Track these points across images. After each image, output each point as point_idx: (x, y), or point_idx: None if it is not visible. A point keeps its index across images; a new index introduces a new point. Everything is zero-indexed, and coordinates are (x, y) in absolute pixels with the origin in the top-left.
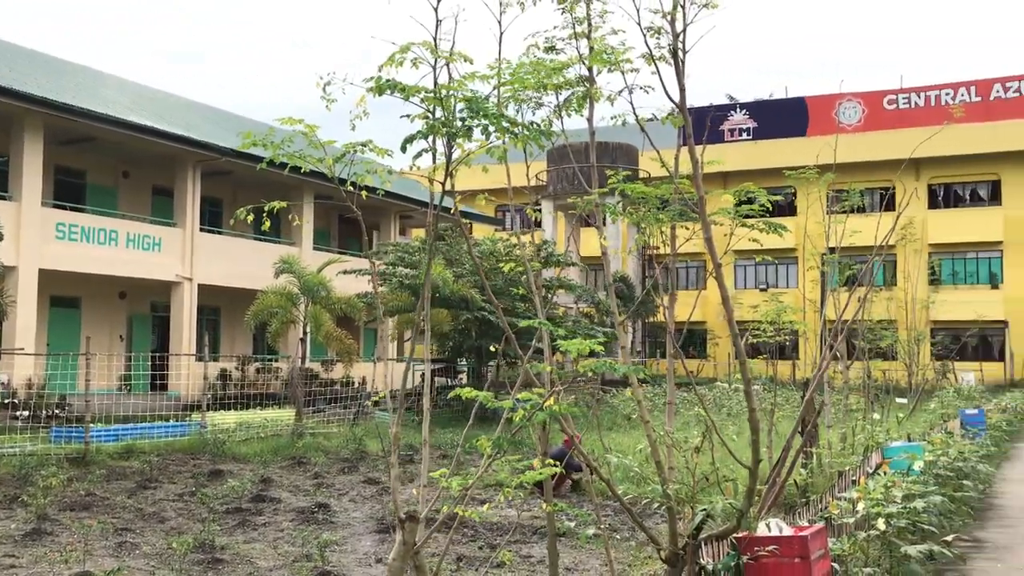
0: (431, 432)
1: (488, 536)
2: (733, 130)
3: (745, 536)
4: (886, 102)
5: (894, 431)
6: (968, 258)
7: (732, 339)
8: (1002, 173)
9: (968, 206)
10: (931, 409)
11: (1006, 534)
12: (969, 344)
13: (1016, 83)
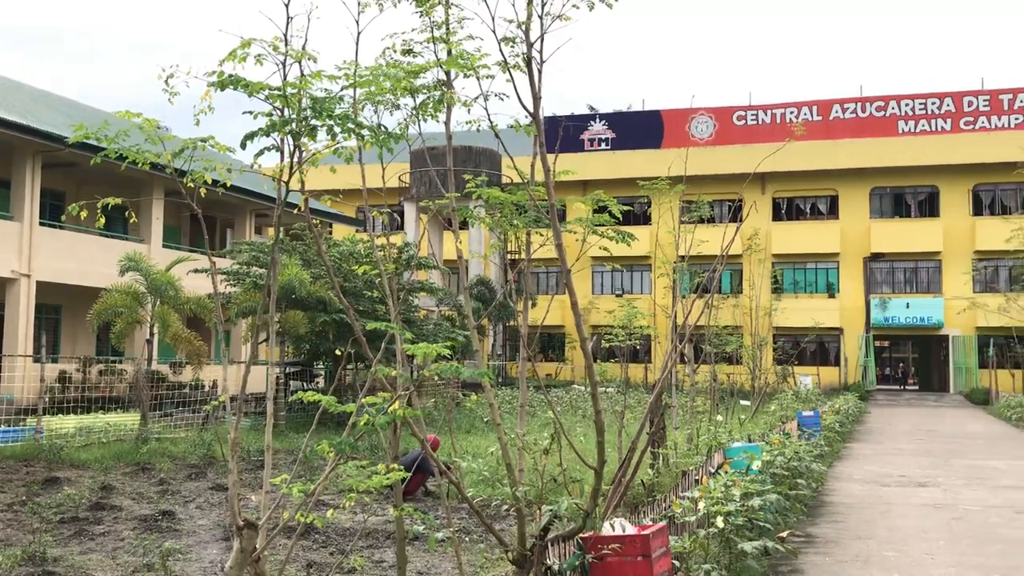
0: (286, 437)
1: (340, 542)
2: (593, 140)
3: (591, 536)
4: (735, 118)
5: (736, 432)
6: (808, 268)
7: (580, 343)
8: (840, 189)
9: (809, 219)
10: (771, 411)
11: (835, 529)
12: (808, 349)
13: (853, 104)
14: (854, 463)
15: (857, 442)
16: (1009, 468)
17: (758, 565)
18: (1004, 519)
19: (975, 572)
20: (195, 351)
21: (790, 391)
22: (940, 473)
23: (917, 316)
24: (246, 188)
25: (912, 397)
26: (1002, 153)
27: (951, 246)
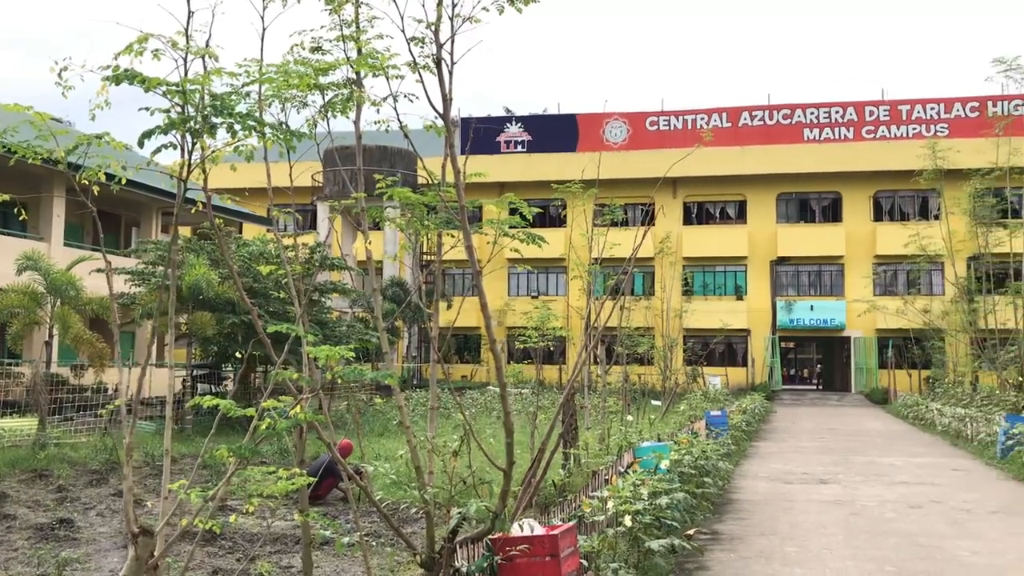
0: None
1: (247, 547)
2: (509, 142)
3: (500, 537)
4: (648, 123)
5: (647, 432)
6: (717, 271)
7: (490, 345)
8: (748, 194)
9: (718, 223)
10: (681, 411)
11: (740, 525)
12: (717, 350)
13: (761, 112)
14: (760, 461)
15: (763, 440)
16: (905, 465)
17: (665, 563)
18: (899, 514)
19: (870, 564)
20: (97, 353)
21: (699, 391)
22: (840, 470)
23: (821, 318)
24: (151, 186)
25: (816, 397)
26: (901, 161)
27: (853, 250)
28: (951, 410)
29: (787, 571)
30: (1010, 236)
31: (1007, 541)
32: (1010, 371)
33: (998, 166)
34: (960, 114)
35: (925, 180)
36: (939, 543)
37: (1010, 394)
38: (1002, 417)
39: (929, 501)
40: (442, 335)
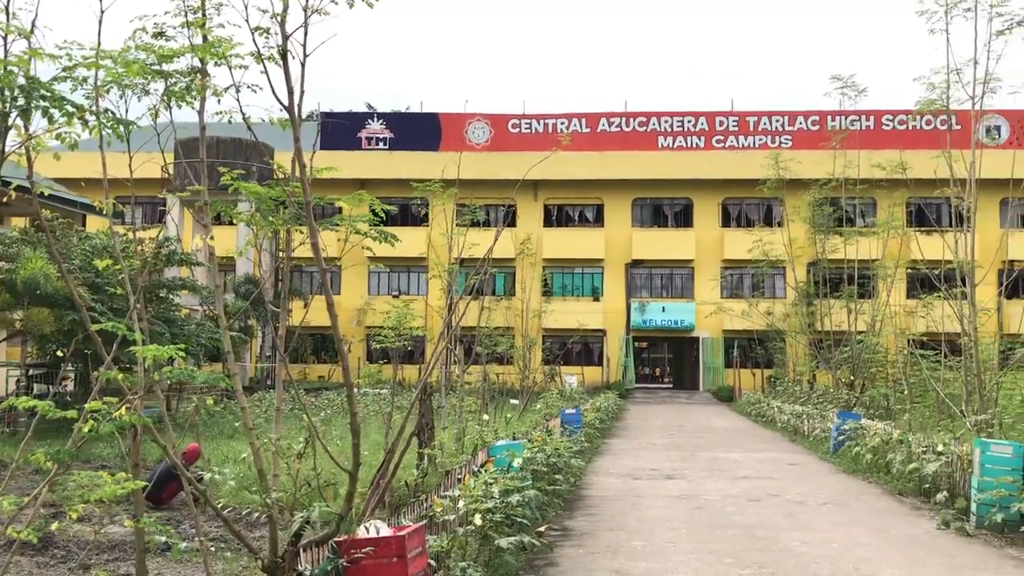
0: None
1: (82, 556)
2: (371, 139)
3: (345, 539)
4: (510, 125)
5: (503, 431)
6: (576, 273)
7: (336, 345)
8: (605, 198)
9: (577, 226)
10: (537, 409)
11: (590, 521)
12: (574, 350)
13: (618, 118)
14: (611, 458)
15: (616, 438)
16: (746, 460)
17: (515, 560)
18: (739, 507)
19: (710, 556)
20: None
21: (556, 390)
22: (687, 466)
23: (672, 319)
24: None
25: (666, 395)
26: (748, 170)
27: (702, 255)
28: (790, 407)
29: (632, 564)
30: (844, 243)
31: (835, 531)
32: (843, 370)
33: (835, 177)
34: (803, 127)
35: (769, 189)
36: (774, 534)
37: (843, 392)
38: (835, 414)
39: (767, 495)
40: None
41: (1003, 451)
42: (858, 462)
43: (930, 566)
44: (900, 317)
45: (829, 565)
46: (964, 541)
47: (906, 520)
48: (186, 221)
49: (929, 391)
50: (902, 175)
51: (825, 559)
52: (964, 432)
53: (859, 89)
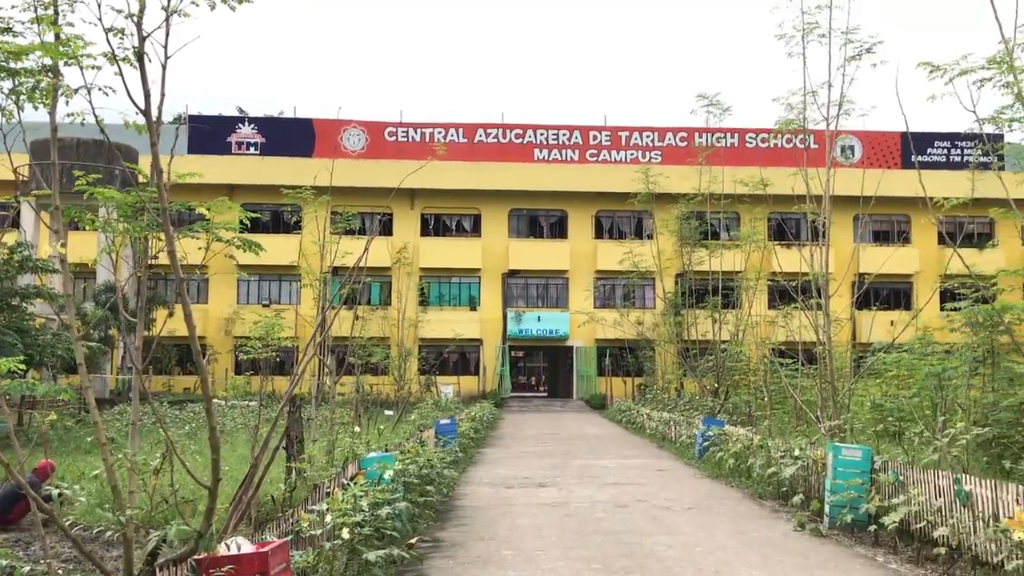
0: None
1: None
2: (241, 143)
3: (205, 557)
4: (387, 133)
5: (375, 442)
6: (453, 282)
7: (194, 356)
8: (482, 208)
9: (454, 236)
10: (412, 420)
11: (461, 532)
12: (450, 360)
13: (495, 129)
14: (485, 467)
15: (490, 447)
16: (616, 466)
17: (384, 573)
18: (607, 513)
19: (578, 563)
20: None
21: (432, 400)
22: (559, 474)
23: (547, 328)
24: None
25: (541, 403)
26: (620, 184)
27: (577, 265)
28: (658, 414)
29: (502, 574)
30: (710, 256)
31: (698, 534)
32: (708, 378)
33: (701, 192)
34: (672, 143)
35: (639, 202)
36: (640, 539)
37: (708, 399)
38: (700, 420)
39: (635, 500)
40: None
41: (853, 455)
42: (721, 467)
43: (786, 566)
44: (762, 327)
45: (691, 568)
46: (818, 541)
47: (765, 522)
48: (43, 226)
49: (788, 398)
50: (763, 191)
51: (688, 562)
52: (819, 437)
53: (723, 108)
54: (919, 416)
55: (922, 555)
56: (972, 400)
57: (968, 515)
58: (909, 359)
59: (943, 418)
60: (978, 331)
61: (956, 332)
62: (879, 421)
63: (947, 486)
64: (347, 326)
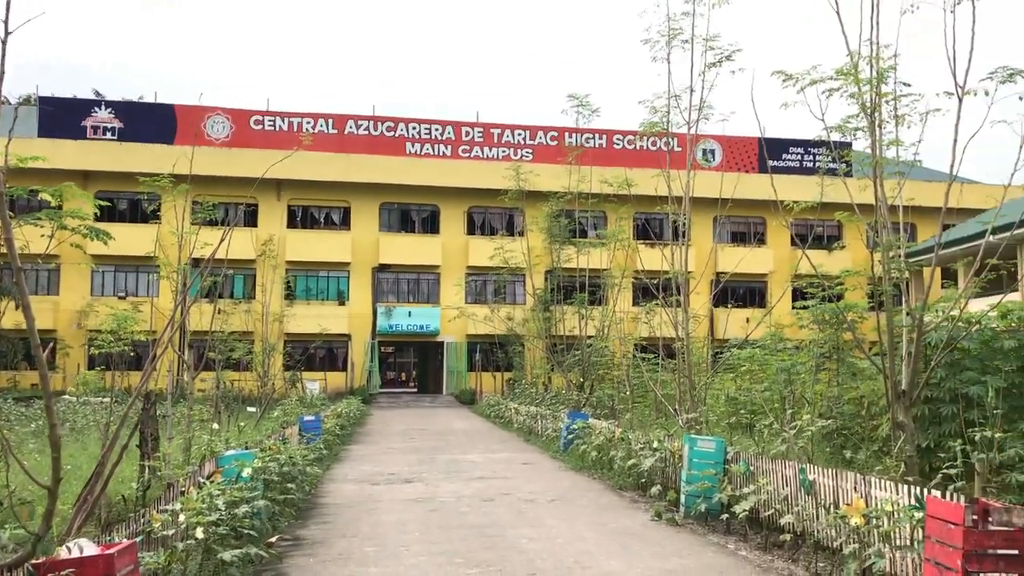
0: None
1: None
2: (97, 127)
3: (44, 561)
4: (253, 122)
5: (235, 440)
6: (320, 276)
7: (32, 350)
8: (352, 201)
9: (323, 228)
10: (275, 417)
11: (323, 529)
12: (317, 355)
13: (366, 122)
14: (351, 464)
15: (357, 443)
16: (483, 461)
17: (240, 573)
18: (472, 507)
19: (441, 558)
20: None
21: (297, 397)
22: (425, 469)
23: (418, 324)
24: None
25: (411, 399)
26: (492, 181)
27: (448, 261)
28: (526, 409)
29: (363, 570)
30: (577, 254)
31: (560, 526)
32: (575, 373)
33: (570, 190)
34: (543, 142)
35: (510, 199)
36: (503, 532)
37: (573, 393)
38: (566, 414)
39: (500, 494)
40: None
41: (707, 446)
42: (585, 460)
43: (642, 555)
44: (626, 323)
45: (552, 559)
46: (673, 531)
47: (624, 513)
48: None
49: (649, 392)
50: (628, 191)
51: (548, 554)
52: (676, 429)
53: (592, 109)
54: (769, 409)
55: (770, 542)
56: (818, 394)
57: (811, 503)
58: (761, 355)
59: (791, 411)
60: (824, 328)
61: (804, 329)
62: (733, 414)
63: (793, 475)
64: (208, 320)
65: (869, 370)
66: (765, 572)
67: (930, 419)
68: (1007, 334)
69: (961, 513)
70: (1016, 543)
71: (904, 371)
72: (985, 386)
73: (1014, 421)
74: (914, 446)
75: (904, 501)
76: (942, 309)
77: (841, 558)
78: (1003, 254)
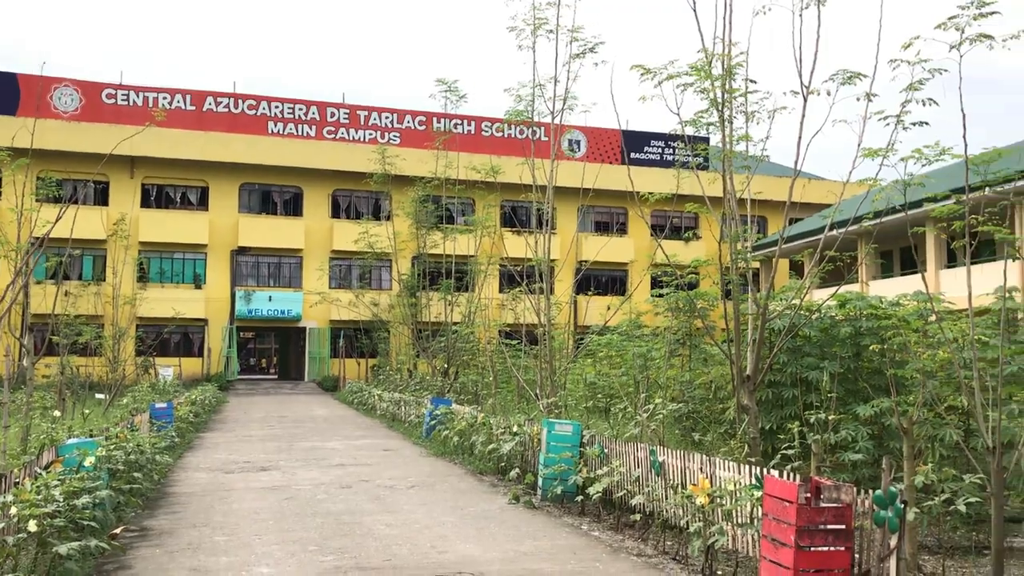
0: None
1: None
2: None
3: None
4: (105, 95)
5: (79, 428)
6: (176, 258)
7: None
8: (211, 181)
9: (179, 208)
10: (125, 404)
11: (172, 519)
12: (172, 340)
13: (227, 99)
14: (204, 452)
15: (212, 431)
16: (343, 448)
17: (79, 567)
18: (330, 495)
19: (295, 546)
20: None
21: (148, 383)
22: (283, 457)
23: (279, 309)
24: None
25: (271, 386)
26: (358, 164)
27: (312, 244)
28: (390, 395)
29: (213, 560)
30: (444, 240)
31: (418, 512)
32: (440, 359)
33: (437, 176)
34: (411, 126)
35: (376, 183)
36: (361, 519)
37: (438, 379)
38: (429, 400)
39: (359, 481)
40: None
41: (565, 430)
42: (447, 445)
43: (498, 537)
44: (492, 309)
45: (408, 544)
46: (530, 513)
47: (483, 497)
48: None
49: (512, 378)
50: (494, 178)
51: (405, 539)
52: (537, 414)
53: (460, 95)
54: (625, 394)
55: (622, 522)
56: (671, 378)
57: (661, 484)
58: (619, 340)
59: (645, 395)
60: (678, 316)
61: (660, 316)
62: (591, 398)
63: (645, 457)
64: (52, 302)
65: (719, 356)
66: (615, 552)
67: (773, 402)
68: (845, 322)
69: (795, 491)
70: (843, 518)
71: (749, 357)
72: (823, 371)
73: (848, 404)
74: (757, 428)
75: (746, 481)
76: (785, 298)
77: (687, 536)
78: (846, 247)
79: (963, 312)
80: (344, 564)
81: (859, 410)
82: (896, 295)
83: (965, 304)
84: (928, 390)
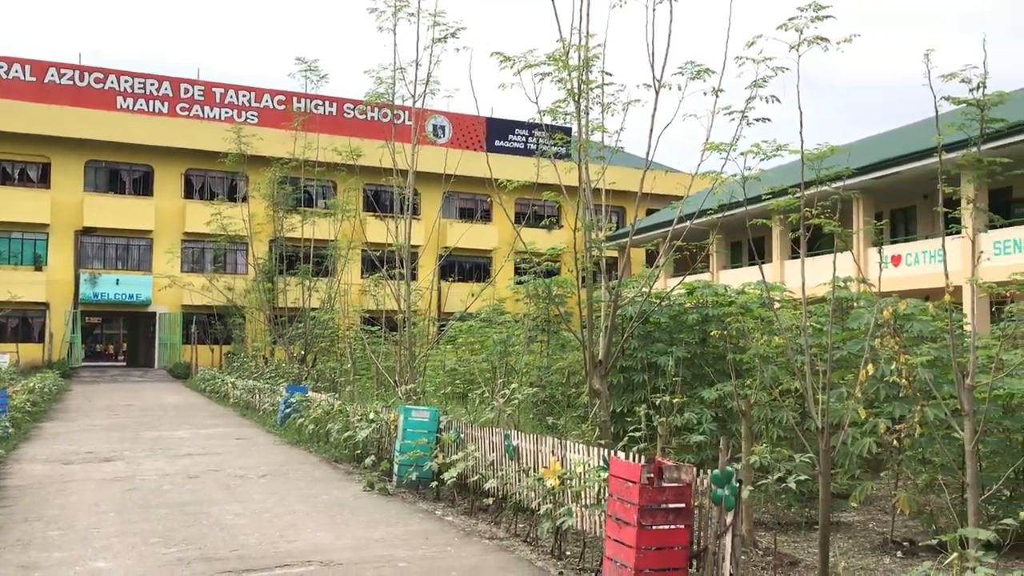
0: None
1: None
2: None
3: None
4: None
5: None
6: (14, 238)
7: None
8: (53, 157)
9: (18, 185)
10: None
11: (2, 514)
12: (9, 325)
13: (71, 71)
14: (43, 443)
15: (52, 421)
16: (193, 437)
17: None
18: (175, 485)
19: (136, 538)
20: None
21: None
22: (128, 447)
23: (127, 293)
24: None
25: (118, 373)
26: (212, 142)
27: (163, 225)
28: (244, 383)
29: (45, 556)
30: (303, 223)
31: (269, 501)
32: (297, 345)
33: (296, 157)
34: (269, 105)
35: (231, 163)
36: (208, 509)
37: (295, 367)
38: (284, 387)
39: (208, 471)
40: None
41: (422, 416)
42: (302, 433)
43: (351, 524)
44: (353, 295)
45: (257, 534)
46: (385, 500)
47: (338, 485)
48: None
49: (372, 364)
50: (355, 161)
51: (253, 529)
52: (395, 401)
53: (321, 75)
54: (484, 380)
55: (475, 506)
56: (529, 364)
57: (515, 467)
58: (480, 326)
59: (502, 380)
60: (537, 303)
61: (521, 303)
62: (450, 384)
63: (499, 442)
64: None
65: (575, 342)
66: (468, 535)
67: (624, 387)
68: (693, 309)
69: (638, 472)
70: (683, 497)
71: (601, 342)
72: (671, 356)
73: (695, 388)
74: (608, 412)
75: (594, 463)
76: (637, 285)
77: (538, 518)
78: (700, 237)
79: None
80: (188, 556)
81: (704, 394)
82: (742, 284)
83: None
84: (766, 374)
